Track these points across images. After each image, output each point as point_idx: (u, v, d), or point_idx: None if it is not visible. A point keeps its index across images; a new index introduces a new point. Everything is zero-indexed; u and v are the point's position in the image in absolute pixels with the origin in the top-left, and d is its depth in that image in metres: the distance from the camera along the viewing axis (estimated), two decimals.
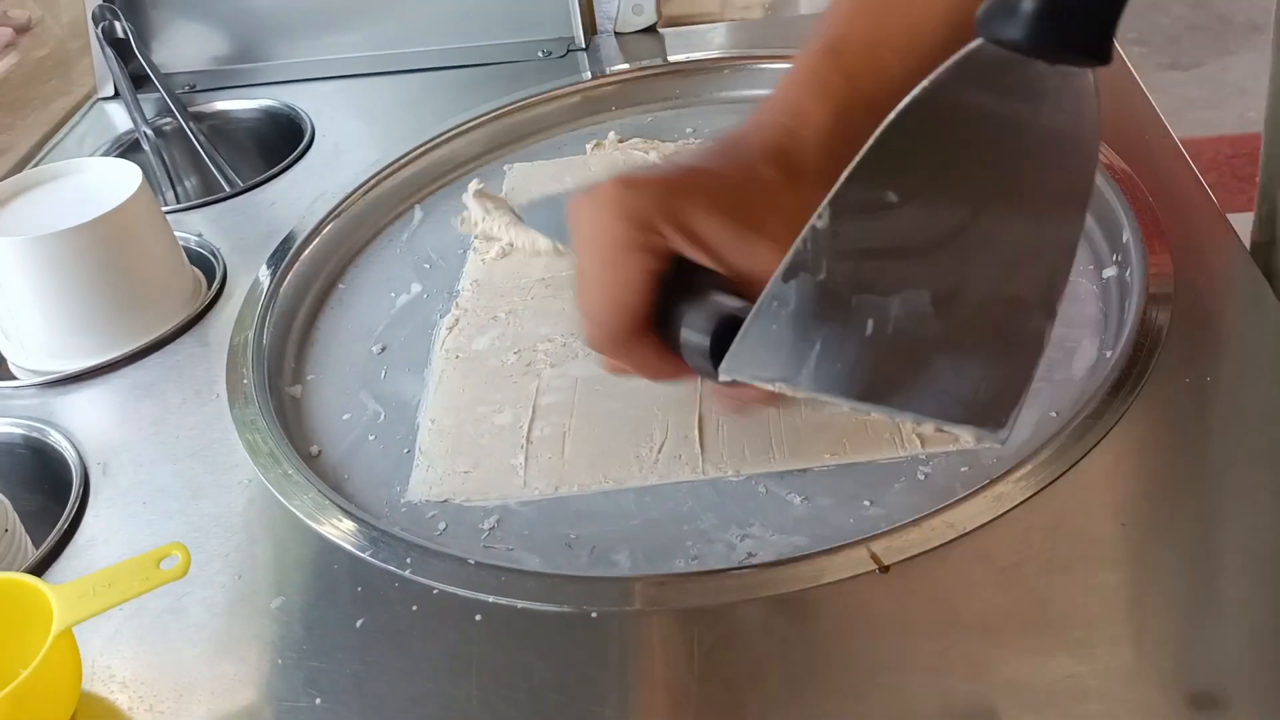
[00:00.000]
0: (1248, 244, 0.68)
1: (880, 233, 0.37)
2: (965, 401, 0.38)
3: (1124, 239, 0.66)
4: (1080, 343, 0.62)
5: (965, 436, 0.38)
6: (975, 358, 0.38)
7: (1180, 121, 0.76)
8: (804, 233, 0.36)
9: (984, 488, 0.53)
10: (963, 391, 0.38)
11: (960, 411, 0.38)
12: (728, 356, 0.39)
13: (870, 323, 0.37)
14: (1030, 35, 0.32)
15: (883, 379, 0.38)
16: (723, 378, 0.40)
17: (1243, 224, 0.67)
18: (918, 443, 0.58)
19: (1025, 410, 0.57)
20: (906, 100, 0.34)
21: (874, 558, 0.50)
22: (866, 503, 0.55)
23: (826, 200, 0.36)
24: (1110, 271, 0.66)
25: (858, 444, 0.58)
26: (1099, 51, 0.33)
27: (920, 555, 0.50)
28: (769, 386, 0.39)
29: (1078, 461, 0.53)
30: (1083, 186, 0.36)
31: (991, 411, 0.37)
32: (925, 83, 0.34)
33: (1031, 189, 0.36)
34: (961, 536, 0.50)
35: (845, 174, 0.36)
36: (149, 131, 0.96)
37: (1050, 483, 0.52)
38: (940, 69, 0.34)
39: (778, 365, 0.39)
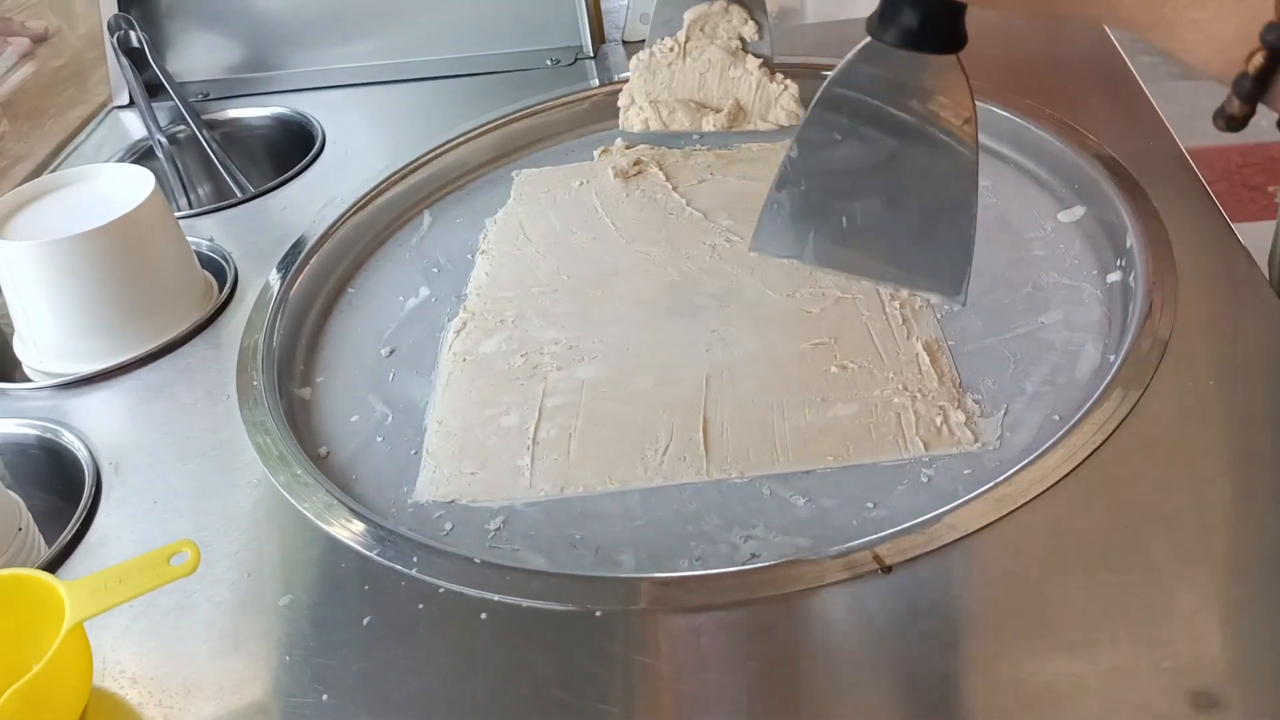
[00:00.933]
0: (1262, 254, 0.68)
1: (835, 160, 0.53)
2: (926, 273, 0.56)
3: (1128, 244, 0.66)
4: (1084, 346, 0.63)
5: (932, 298, 0.61)
6: (925, 243, 0.54)
7: (1191, 131, 0.76)
8: (782, 160, 0.54)
9: (986, 490, 0.53)
10: (923, 266, 0.55)
11: (924, 281, 0.57)
12: (754, 237, 0.57)
13: (844, 220, 0.55)
14: (901, 40, 0.47)
15: (864, 258, 0.56)
16: (751, 251, 0.59)
17: (1253, 233, 0.67)
18: (921, 445, 0.58)
19: (1028, 413, 0.59)
20: (831, 73, 0.51)
21: (877, 559, 0.50)
22: (869, 505, 0.55)
23: (793, 138, 0.53)
24: (1114, 276, 0.67)
25: (861, 447, 0.59)
26: (952, 44, 0.48)
27: (923, 556, 0.50)
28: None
29: (1080, 464, 0.53)
30: (967, 127, 0.51)
31: (948, 282, 0.55)
32: (841, 62, 0.50)
33: (932, 129, 0.51)
34: (964, 538, 0.51)
35: (800, 122, 0.53)
36: (163, 139, 0.98)
37: (1053, 485, 0.52)
38: (849, 53, 0.50)
39: (788, 247, 0.57)
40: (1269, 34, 0.29)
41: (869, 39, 0.49)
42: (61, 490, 0.64)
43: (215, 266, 0.80)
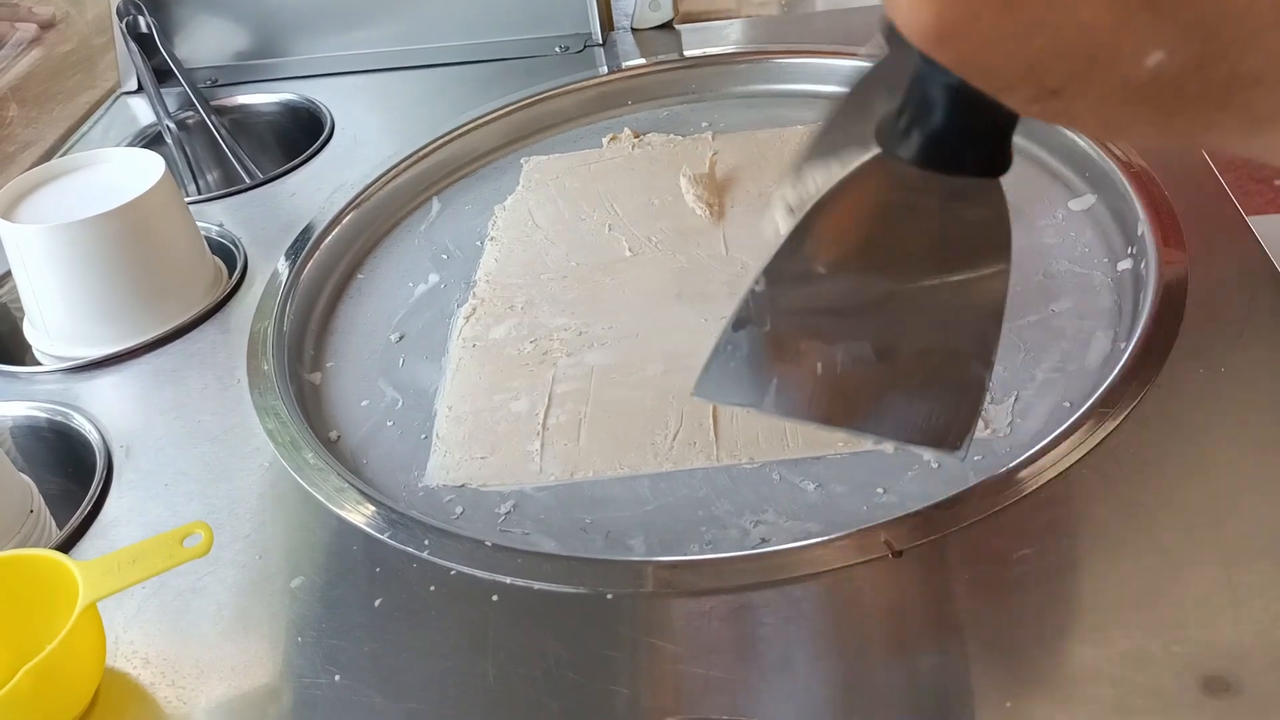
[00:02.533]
0: (1272, 245, 0.68)
1: (814, 297, 0.41)
2: (921, 427, 0.42)
3: (1139, 232, 0.66)
4: (1094, 334, 0.63)
5: (926, 455, 0.47)
6: (923, 395, 0.42)
7: None
8: (744, 294, 0.41)
9: (997, 476, 0.53)
10: (917, 419, 0.42)
11: (918, 435, 0.42)
12: (699, 382, 0.44)
13: (819, 365, 0.42)
14: (925, 157, 0.33)
15: (841, 407, 0.43)
16: (694, 396, 0.44)
17: (1260, 226, 0.67)
18: None
19: (1039, 400, 0.59)
20: (821, 195, 0.38)
21: (887, 543, 0.50)
22: (880, 490, 0.56)
23: (761, 269, 0.40)
24: (1125, 264, 0.67)
25: None
26: (994, 167, 0.34)
27: (933, 541, 0.50)
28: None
29: (1091, 450, 0.53)
30: (999, 259, 0.39)
31: (947, 436, 0.42)
32: (834, 183, 0.37)
33: (951, 264, 0.39)
34: (974, 523, 0.51)
35: (774, 250, 0.39)
36: (171, 125, 0.98)
37: (1064, 471, 0.52)
38: (847, 174, 0.37)
39: (742, 395, 0.44)
40: None
41: (877, 152, 0.36)
42: (72, 473, 0.65)
43: (225, 252, 0.80)
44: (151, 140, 0.97)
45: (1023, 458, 0.53)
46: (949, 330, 0.41)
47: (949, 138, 0.33)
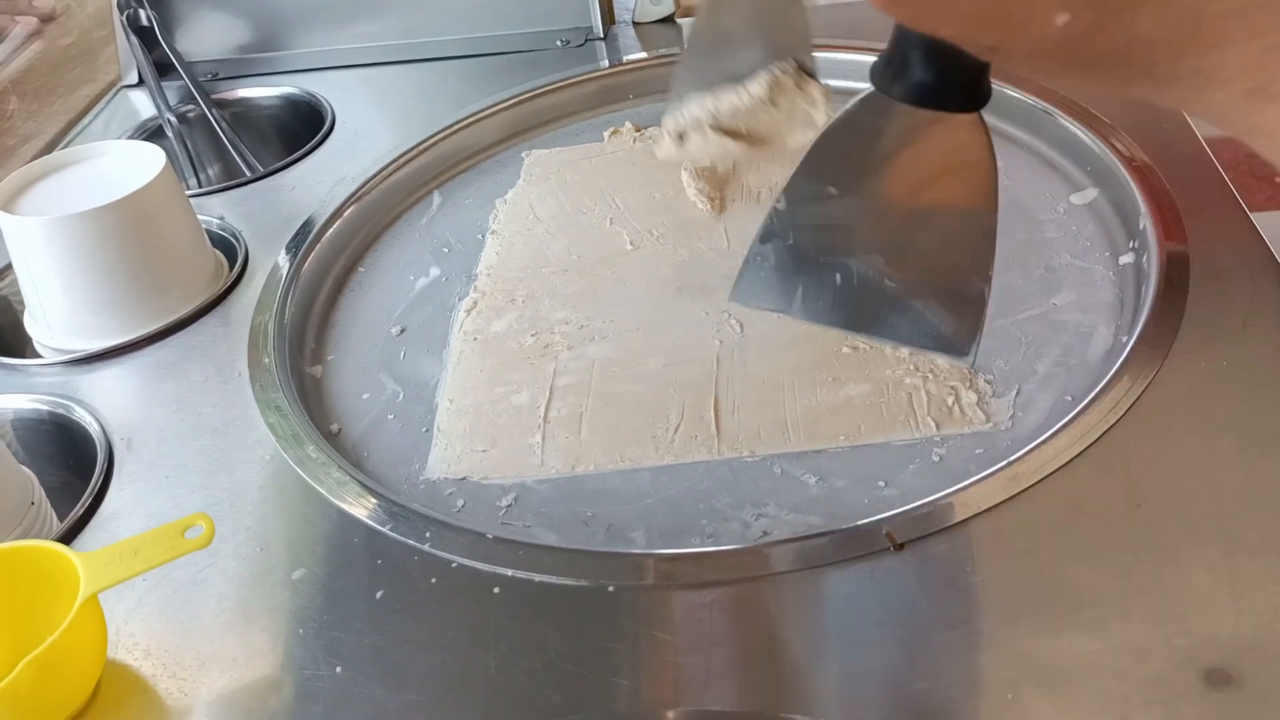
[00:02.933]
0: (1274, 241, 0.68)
1: (828, 214, 0.47)
2: (931, 334, 0.48)
3: (1141, 226, 0.66)
4: (1096, 328, 0.63)
5: (938, 360, 0.53)
6: (932, 305, 0.48)
7: (1200, 120, 0.76)
8: (769, 212, 0.47)
9: (998, 469, 0.53)
10: (928, 327, 0.48)
11: (929, 341, 0.49)
12: (734, 288, 0.50)
13: (837, 276, 0.48)
14: (910, 96, 0.39)
15: (859, 314, 0.49)
16: (730, 302, 0.52)
17: (1261, 223, 0.67)
18: (932, 425, 0.58)
19: (1041, 393, 0.59)
20: (829, 123, 0.44)
21: (888, 536, 0.50)
22: (881, 483, 0.56)
23: (780, 189, 0.46)
24: (1127, 258, 0.66)
25: (872, 426, 0.59)
26: (973, 102, 0.40)
27: (935, 534, 0.50)
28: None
29: (1093, 444, 0.53)
30: (989, 186, 0.44)
31: (955, 343, 0.48)
32: (840, 112, 0.43)
33: (944, 189, 0.45)
34: (976, 516, 0.51)
35: (791, 171, 0.45)
36: (172, 118, 0.97)
37: (1065, 464, 0.52)
38: (849, 104, 0.42)
39: (772, 300, 0.50)
40: None
41: (871, 90, 0.41)
42: (73, 466, 0.65)
43: (226, 245, 0.80)
44: (152, 133, 0.97)
45: (1024, 451, 0.53)
46: (949, 249, 0.47)
47: (928, 79, 0.38)
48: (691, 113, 0.61)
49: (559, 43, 0.99)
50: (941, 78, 0.38)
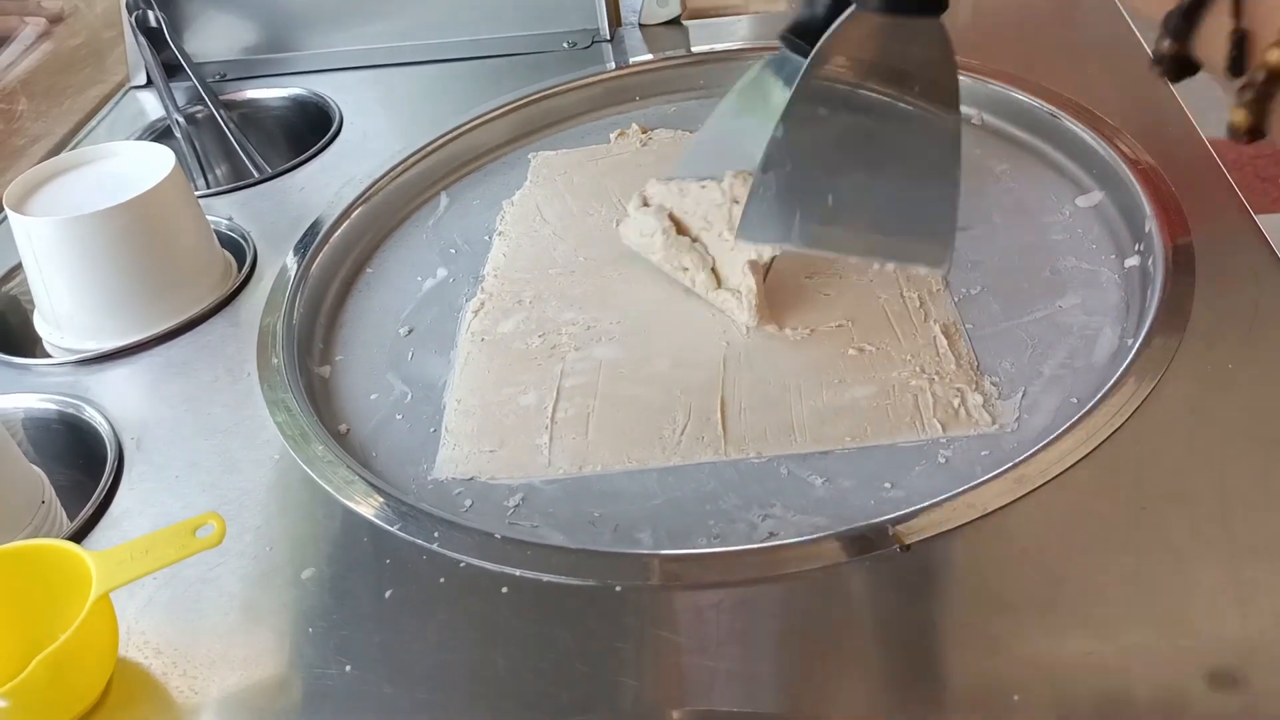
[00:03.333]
0: None
1: (821, 137, 0.52)
2: (912, 249, 0.55)
3: (1146, 228, 0.66)
4: (1102, 330, 0.63)
5: (919, 269, 0.59)
6: (909, 220, 0.54)
7: (1204, 122, 0.76)
8: (769, 142, 0.52)
9: (1004, 471, 0.53)
10: (908, 242, 0.55)
11: (910, 253, 0.56)
12: (740, 225, 0.56)
13: (830, 197, 0.54)
14: (881, 5, 0.48)
15: (849, 234, 0.55)
16: (737, 239, 0.59)
17: (1266, 225, 0.67)
18: (939, 427, 0.58)
19: (1046, 395, 0.59)
20: (817, 46, 0.50)
21: (895, 537, 0.50)
22: (887, 485, 0.56)
23: (779, 119, 0.52)
24: (1133, 261, 0.67)
25: (879, 428, 0.59)
26: (934, 6, 0.48)
27: (941, 535, 0.50)
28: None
29: (1099, 446, 0.53)
30: (951, 89, 0.51)
31: (931, 253, 0.55)
32: (827, 34, 0.49)
33: (914, 98, 0.51)
34: (982, 517, 0.51)
35: (788, 101, 0.51)
36: (181, 119, 0.98)
37: (1071, 466, 0.53)
38: (835, 25, 0.49)
39: (775, 234, 0.56)
40: None
41: (853, 8, 0.48)
42: (84, 465, 0.65)
43: (234, 246, 0.80)
44: (160, 134, 0.98)
45: (1030, 453, 0.54)
46: (920, 159, 0.52)
47: None
48: (659, 196, 0.68)
49: (565, 44, 0.99)
50: None
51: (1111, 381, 0.57)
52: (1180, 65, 0.30)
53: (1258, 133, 0.29)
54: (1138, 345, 0.59)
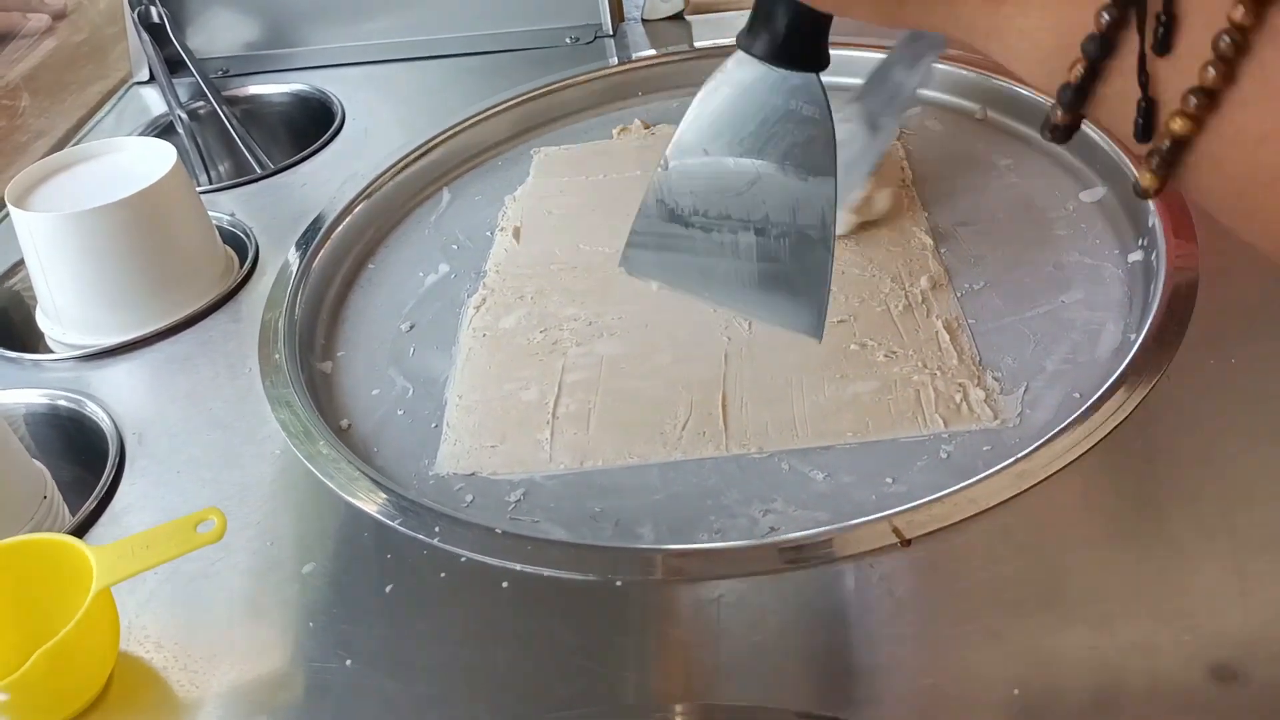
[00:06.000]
0: None
1: (704, 174, 0.50)
2: (786, 309, 0.52)
3: (1150, 223, 0.66)
4: (1105, 325, 0.63)
5: (795, 333, 0.53)
6: (786, 280, 0.51)
7: None
8: (653, 176, 0.50)
9: (1006, 466, 0.53)
10: (782, 300, 0.52)
11: (782, 318, 0.52)
12: (623, 259, 0.53)
13: (710, 241, 0.51)
14: (762, 54, 0.44)
15: (725, 288, 0.52)
16: (620, 267, 0.53)
17: None
18: (940, 422, 0.58)
19: (1048, 391, 0.59)
20: (703, 87, 0.47)
21: (895, 531, 0.50)
22: (888, 480, 0.56)
23: (665, 151, 0.49)
24: (1136, 255, 0.66)
25: (880, 423, 0.59)
26: (815, 62, 0.45)
27: (942, 530, 0.50)
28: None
29: (1101, 441, 0.53)
30: (826, 152, 0.49)
31: (806, 319, 0.52)
32: (713, 75, 0.47)
33: (793, 152, 0.49)
34: (983, 512, 0.51)
35: (675, 134, 0.49)
36: (183, 115, 0.98)
37: (1073, 461, 0.53)
38: (722, 66, 0.46)
39: (658, 273, 0.53)
40: (1088, 45, 0.29)
41: (738, 53, 0.46)
42: (85, 460, 0.65)
43: (236, 241, 0.80)
44: (163, 130, 0.98)
45: (1032, 448, 0.54)
46: (798, 213, 0.50)
47: (776, 37, 0.44)
48: None
49: (568, 40, 0.99)
50: (787, 36, 0.44)
51: (1114, 377, 0.57)
52: (1070, 131, 0.32)
53: (1164, 190, 0.30)
54: (1140, 340, 0.58)
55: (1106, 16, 0.28)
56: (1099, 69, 0.29)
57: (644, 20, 1.01)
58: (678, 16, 1.01)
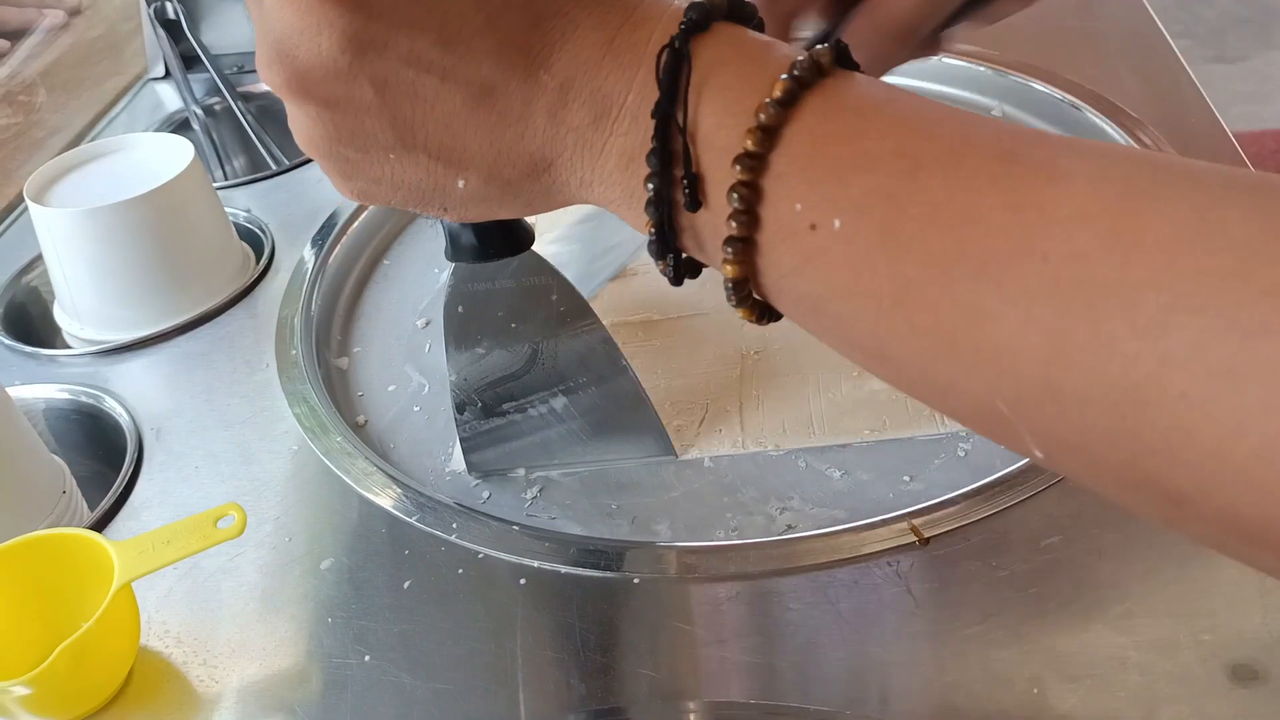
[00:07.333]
0: None
1: (491, 370, 0.54)
2: (636, 444, 0.57)
3: None
4: None
5: (651, 459, 0.58)
6: (612, 417, 0.56)
7: (1225, 116, 0.75)
8: (450, 387, 0.55)
9: (1024, 464, 0.53)
10: (627, 437, 0.57)
11: (635, 450, 0.57)
12: (469, 467, 0.59)
13: (530, 417, 0.56)
14: (469, 259, 0.49)
15: (574, 449, 0.57)
16: (470, 474, 0.59)
17: None
18: None
19: None
20: (445, 294, 0.52)
21: (914, 530, 0.50)
22: (906, 478, 0.56)
23: (449, 362, 0.54)
24: None
25: (898, 421, 0.59)
26: (515, 247, 0.49)
27: (960, 529, 0.50)
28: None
29: None
30: (576, 299, 0.53)
31: (649, 443, 0.57)
32: (450, 280, 0.52)
33: (550, 315, 0.53)
34: (1002, 511, 0.51)
35: (446, 346, 0.54)
36: (199, 111, 0.98)
37: None
38: (447, 277, 0.52)
39: (503, 462, 0.58)
40: (649, 210, 0.31)
41: (454, 265, 0.50)
42: (104, 455, 0.65)
43: (252, 238, 0.80)
44: (178, 126, 0.98)
45: None
46: (586, 361, 0.54)
47: (472, 243, 0.49)
48: None
49: None
50: (479, 239, 0.48)
51: None
52: (680, 274, 0.33)
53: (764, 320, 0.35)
54: None
55: (651, 186, 0.30)
56: (673, 224, 0.31)
57: None
58: None
